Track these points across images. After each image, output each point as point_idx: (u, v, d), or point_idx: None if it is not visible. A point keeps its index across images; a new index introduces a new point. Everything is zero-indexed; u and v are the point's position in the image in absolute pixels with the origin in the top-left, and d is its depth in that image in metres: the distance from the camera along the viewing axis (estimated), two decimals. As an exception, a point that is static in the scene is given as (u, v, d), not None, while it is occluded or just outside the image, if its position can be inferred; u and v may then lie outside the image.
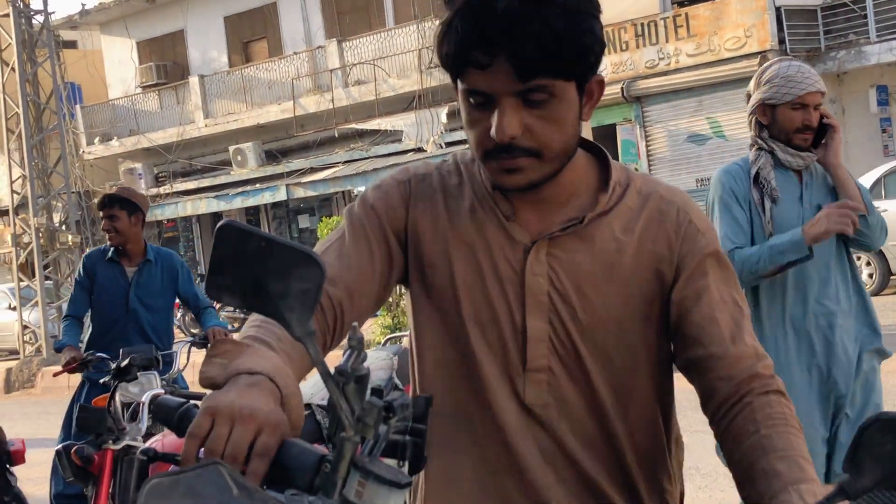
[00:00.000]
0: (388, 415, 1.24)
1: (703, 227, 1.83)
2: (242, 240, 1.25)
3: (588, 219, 1.78)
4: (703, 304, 1.75)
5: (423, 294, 1.84)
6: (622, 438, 1.80)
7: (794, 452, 1.59)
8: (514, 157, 1.68)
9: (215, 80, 30.05)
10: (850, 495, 1.25)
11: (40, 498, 7.82)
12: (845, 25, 22.08)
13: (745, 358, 1.72)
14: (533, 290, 1.77)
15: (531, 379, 1.78)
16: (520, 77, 1.62)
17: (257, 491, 1.18)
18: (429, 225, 1.83)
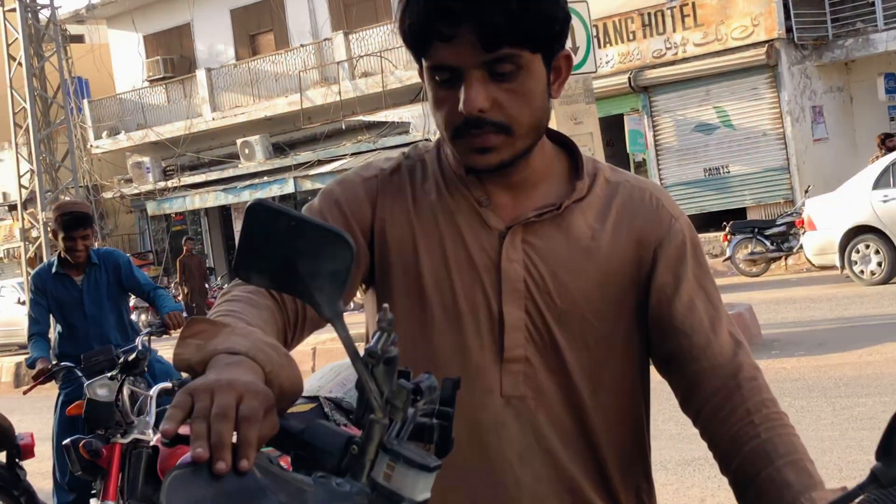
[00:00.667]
0: (417, 397, 1.23)
1: (675, 211, 1.80)
2: (272, 219, 1.24)
3: (564, 205, 1.74)
4: (683, 292, 1.73)
5: (389, 293, 1.78)
6: (599, 433, 1.75)
7: (798, 456, 1.57)
8: (485, 134, 1.64)
9: (222, 74, 30.08)
10: (882, 483, 1.24)
11: (49, 492, 7.83)
12: (852, 13, 22.04)
13: (727, 346, 1.70)
14: (509, 277, 1.72)
15: (508, 370, 1.72)
16: (485, 47, 1.59)
17: (282, 473, 1.17)
18: (397, 222, 1.77)
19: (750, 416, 1.62)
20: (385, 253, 1.77)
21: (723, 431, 1.64)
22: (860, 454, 6.52)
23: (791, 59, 21.64)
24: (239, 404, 1.21)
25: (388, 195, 1.79)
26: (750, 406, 1.63)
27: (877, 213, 14.85)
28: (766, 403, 1.64)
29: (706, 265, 1.79)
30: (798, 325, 12.37)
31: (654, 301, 1.74)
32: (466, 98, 1.61)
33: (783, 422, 1.63)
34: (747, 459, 1.59)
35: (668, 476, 6.79)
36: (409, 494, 1.20)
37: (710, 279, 1.78)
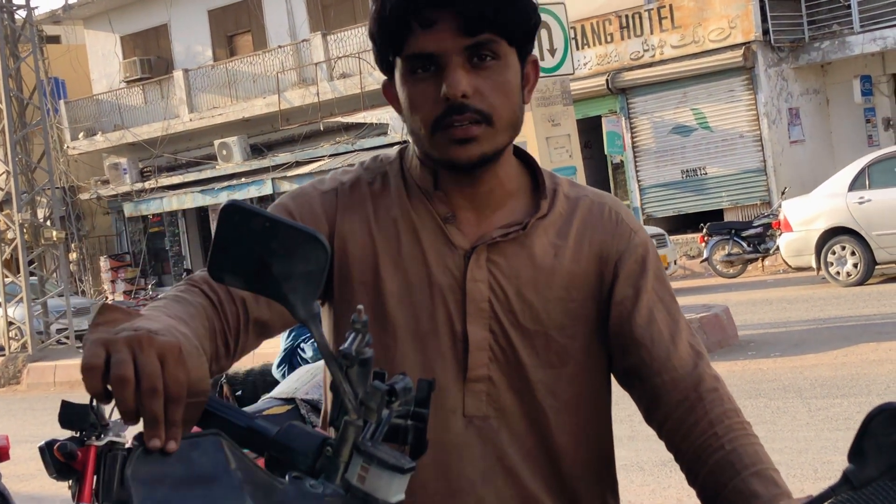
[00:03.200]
0: (391, 399, 1.23)
1: (634, 225, 1.80)
2: (246, 220, 1.24)
3: (530, 224, 1.73)
4: (643, 305, 1.72)
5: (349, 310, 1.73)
6: (563, 450, 1.74)
7: (764, 466, 1.57)
8: (466, 123, 1.62)
9: (200, 74, 29.99)
10: (854, 485, 1.25)
11: (25, 495, 7.80)
12: (829, 16, 22.17)
13: (687, 358, 1.69)
14: (474, 298, 1.70)
15: (470, 389, 1.71)
16: (467, 31, 1.60)
17: (255, 467, 1.18)
18: (357, 237, 1.74)
19: (713, 427, 1.62)
20: (345, 269, 1.74)
21: (687, 444, 1.64)
22: (836, 455, 6.55)
23: (768, 62, 21.74)
24: (163, 366, 1.18)
25: (347, 210, 1.76)
26: (712, 417, 1.63)
27: (853, 215, 14.94)
28: (728, 414, 1.64)
29: (665, 278, 1.80)
30: (774, 325, 12.43)
31: (615, 315, 1.74)
32: (450, 82, 1.61)
33: (746, 431, 1.63)
34: (713, 472, 1.59)
35: (645, 477, 6.81)
36: (384, 496, 1.20)
37: (670, 292, 1.78)
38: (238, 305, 1.63)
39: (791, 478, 5.97)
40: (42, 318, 20.18)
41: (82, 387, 1.26)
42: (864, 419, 1.25)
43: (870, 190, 14.90)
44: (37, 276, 20.77)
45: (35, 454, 4.74)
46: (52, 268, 22.05)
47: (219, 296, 1.61)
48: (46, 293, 20.58)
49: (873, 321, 11.88)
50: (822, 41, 21.99)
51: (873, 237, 14.75)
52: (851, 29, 21.74)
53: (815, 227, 15.30)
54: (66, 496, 4.95)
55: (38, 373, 18.03)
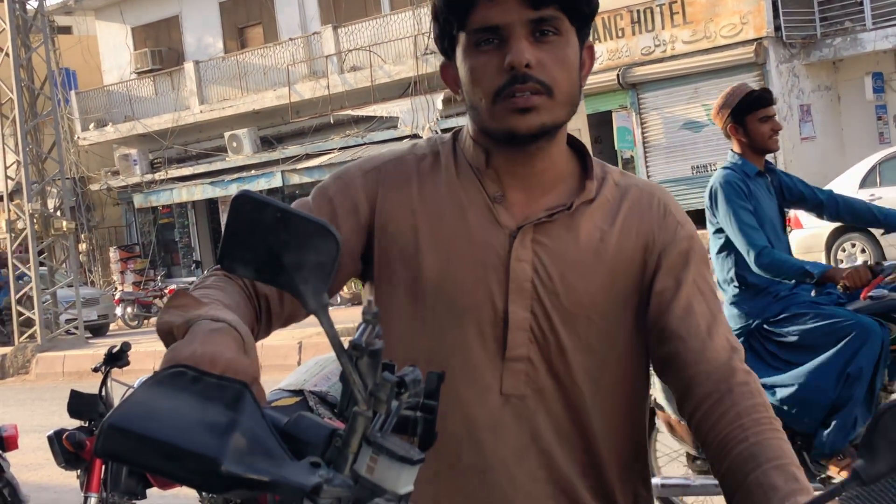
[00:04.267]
0: (401, 390, 1.23)
1: (681, 218, 1.82)
2: (258, 210, 1.24)
3: (575, 205, 1.75)
4: (682, 297, 1.74)
5: (392, 288, 1.77)
6: (598, 435, 1.76)
7: (787, 461, 1.57)
8: (528, 93, 1.65)
9: (210, 66, 30.01)
10: (864, 481, 1.25)
11: (33, 484, 7.81)
12: (841, 12, 22.09)
13: (722, 351, 1.70)
14: (517, 277, 1.72)
15: (509, 368, 1.73)
16: (532, 4, 1.64)
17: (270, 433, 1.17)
18: (401, 215, 1.77)
19: (740, 419, 1.63)
20: (386, 246, 1.77)
21: (713, 435, 1.65)
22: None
23: (779, 58, 21.69)
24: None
25: (390, 188, 1.79)
26: (740, 410, 1.64)
27: (863, 212, 14.89)
28: (756, 408, 1.64)
29: (707, 273, 1.81)
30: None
31: (654, 304, 1.75)
32: (515, 51, 1.64)
33: (773, 426, 1.63)
34: (735, 463, 1.60)
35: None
36: (392, 487, 1.20)
37: (711, 287, 1.79)
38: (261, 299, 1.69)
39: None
40: (51, 307, 20.23)
41: (91, 377, 1.28)
42: (875, 415, 1.25)
43: (881, 187, 14.86)
44: (46, 266, 20.82)
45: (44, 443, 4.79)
46: (61, 258, 22.11)
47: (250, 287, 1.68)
48: (56, 283, 20.63)
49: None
50: (834, 38, 21.92)
51: (883, 235, 14.72)
52: (864, 26, 21.67)
53: (825, 225, 15.26)
54: (75, 485, 4.97)
55: (47, 363, 18.08)
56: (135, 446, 1.12)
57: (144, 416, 1.13)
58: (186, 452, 1.11)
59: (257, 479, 1.13)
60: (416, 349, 1.74)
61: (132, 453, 1.13)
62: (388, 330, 1.76)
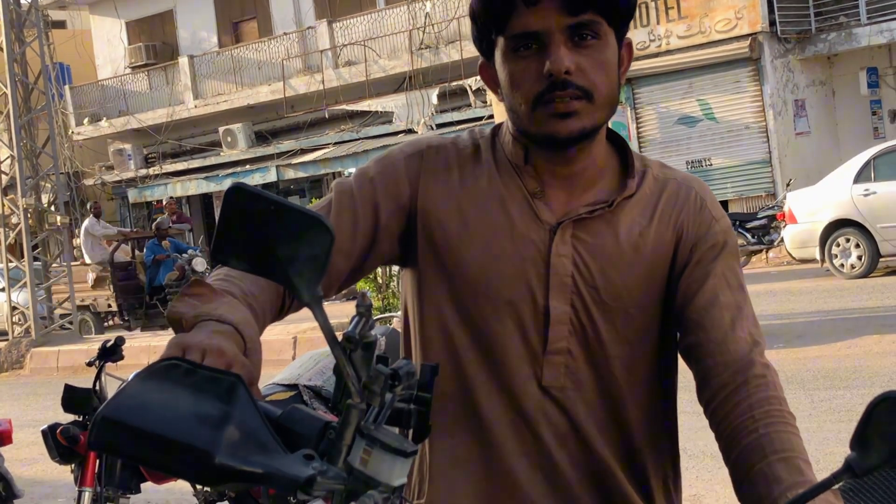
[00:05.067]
0: (394, 382, 1.23)
1: (717, 213, 1.83)
2: (251, 203, 1.24)
3: (616, 202, 1.77)
4: (708, 288, 1.75)
5: (434, 274, 1.80)
6: (633, 423, 1.80)
7: (794, 454, 1.59)
8: (568, 98, 1.66)
9: (205, 61, 29.98)
10: (856, 473, 1.25)
11: (28, 479, 7.80)
12: (836, 7, 22.10)
13: (742, 343, 1.71)
14: (557, 272, 1.74)
15: (550, 361, 1.76)
16: (570, 10, 1.64)
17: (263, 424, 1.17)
18: (443, 201, 1.79)
19: (752, 410, 1.64)
20: (431, 231, 1.79)
21: (725, 425, 1.67)
22: (838, 446, 6.55)
23: (774, 53, 21.69)
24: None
25: (431, 174, 1.81)
26: (753, 402, 1.65)
27: (857, 207, 14.92)
28: (769, 401, 1.66)
29: (737, 268, 1.82)
30: (778, 317, 12.41)
31: (680, 295, 1.77)
32: (554, 58, 1.65)
33: (784, 419, 1.64)
34: (743, 453, 1.61)
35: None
36: (386, 479, 1.20)
37: (740, 281, 1.80)
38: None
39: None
40: (45, 303, 20.20)
41: (85, 372, 1.29)
42: (867, 407, 1.25)
43: (875, 182, 14.87)
44: (40, 261, 20.78)
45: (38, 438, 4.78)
46: (55, 253, 22.06)
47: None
48: (50, 278, 20.60)
49: (877, 313, 11.87)
50: (829, 33, 21.93)
51: (878, 229, 14.73)
52: (858, 21, 21.68)
53: (819, 219, 15.27)
54: (69, 480, 4.98)
55: (41, 357, 18.04)
56: (128, 438, 1.12)
57: (137, 408, 1.13)
58: (180, 445, 1.11)
59: (251, 471, 1.13)
60: (456, 340, 1.78)
61: (125, 445, 1.13)
62: (427, 318, 1.82)
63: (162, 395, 1.15)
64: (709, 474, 6.44)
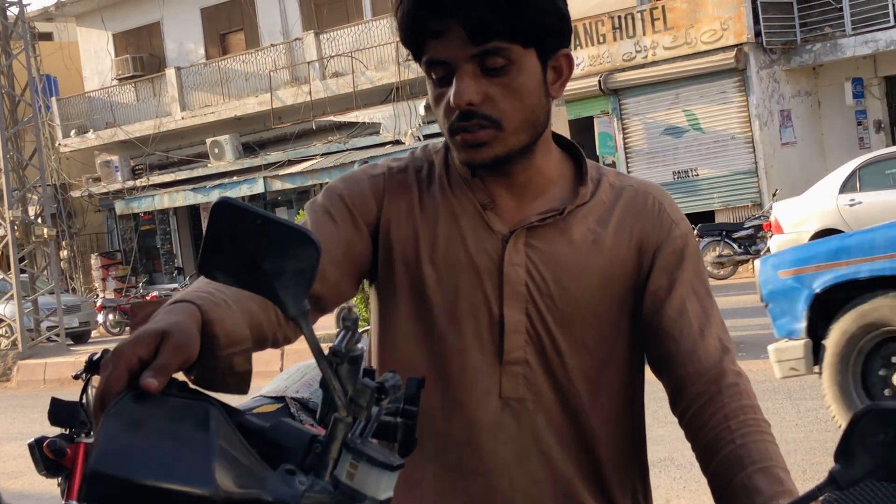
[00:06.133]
0: (381, 396, 1.23)
1: (676, 216, 1.81)
2: (238, 217, 1.24)
3: (568, 210, 1.75)
4: (676, 296, 1.74)
5: (392, 291, 1.78)
6: (597, 435, 1.76)
7: (772, 463, 1.58)
8: (475, 130, 1.64)
9: (192, 73, 29.95)
10: (841, 485, 1.25)
11: (14, 492, 7.77)
12: (821, 18, 22.20)
13: (713, 352, 1.70)
14: (511, 281, 1.73)
15: (507, 371, 1.73)
16: (473, 40, 1.60)
17: (245, 448, 1.17)
18: (402, 221, 1.77)
19: (727, 421, 1.63)
20: (389, 251, 1.78)
21: (702, 436, 1.66)
22: (824, 456, 6.57)
23: (760, 64, 21.77)
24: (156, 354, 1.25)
25: (394, 194, 1.79)
26: (728, 412, 1.64)
27: (843, 217, 14.97)
28: (744, 410, 1.65)
29: (702, 272, 1.81)
30: (765, 327, 12.39)
31: (647, 304, 1.75)
32: (456, 91, 1.63)
33: (760, 428, 1.64)
34: (722, 464, 1.61)
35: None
36: (372, 493, 1.20)
37: (706, 286, 1.79)
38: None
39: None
40: (32, 315, 20.14)
41: (72, 384, 1.29)
42: (851, 419, 1.25)
43: (860, 192, 14.94)
44: (27, 273, 20.73)
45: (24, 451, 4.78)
46: (42, 265, 22.01)
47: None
48: (37, 290, 20.55)
49: None
50: (814, 43, 22.02)
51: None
52: (843, 31, 21.78)
53: (805, 229, 15.32)
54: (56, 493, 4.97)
55: (28, 370, 17.98)
56: (121, 491, 1.11)
57: (123, 456, 1.12)
58: (176, 493, 1.11)
59: (249, 499, 1.13)
60: (419, 354, 1.76)
61: (120, 499, 1.13)
62: (386, 335, 1.80)
63: (142, 436, 1.14)
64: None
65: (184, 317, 1.34)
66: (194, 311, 1.36)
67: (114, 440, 1.14)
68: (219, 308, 1.40)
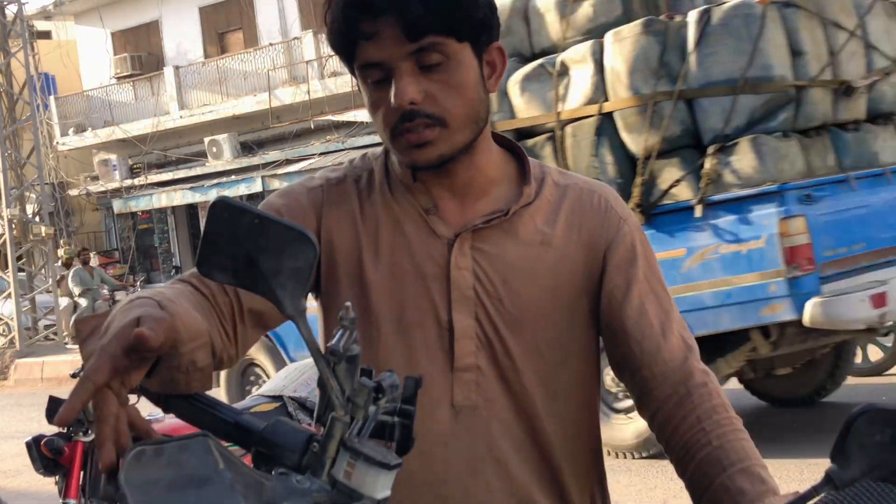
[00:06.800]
0: (378, 395, 1.23)
1: (623, 213, 1.80)
2: (235, 217, 1.24)
3: (513, 210, 1.72)
4: (634, 297, 1.72)
5: (337, 303, 1.73)
6: (553, 440, 1.73)
7: (751, 462, 1.58)
8: (419, 130, 1.62)
9: (190, 72, 29.94)
10: (837, 485, 1.25)
11: (11, 491, 7.78)
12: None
13: (678, 352, 1.69)
14: (458, 285, 1.70)
15: (459, 379, 1.70)
16: (408, 36, 1.58)
17: (243, 465, 1.17)
18: (343, 232, 1.75)
19: (701, 423, 1.62)
20: (332, 263, 1.75)
21: (676, 439, 1.65)
22: (820, 456, 6.57)
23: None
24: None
25: (333, 205, 1.76)
26: (701, 413, 1.63)
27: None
28: (716, 409, 1.64)
29: (656, 267, 1.78)
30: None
31: (605, 305, 1.73)
32: (397, 91, 1.60)
33: (734, 426, 1.63)
34: (701, 467, 1.60)
35: (632, 477, 6.83)
36: (370, 492, 1.20)
37: (661, 282, 1.77)
38: (231, 296, 1.63)
39: (776, 479, 5.95)
40: (30, 313, 20.15)
41: (70, 383, 1.28)
42: (847, 419, 1.25)
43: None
44: (25, 271, 20.73)
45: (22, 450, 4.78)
46: (40, 264, 22.01)
47: (210, 288, 1.61)
48: (35, 289, 20.55)
49: (861, 324, 11.88)
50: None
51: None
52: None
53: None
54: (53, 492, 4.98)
55: (25, 369, 17.99)
56: None
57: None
58: None
59: None
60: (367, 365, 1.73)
61: None
62: None
63: (164, 495, 1.11)
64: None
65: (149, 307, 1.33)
66: (153, 303, 1.35)
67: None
68: (174, 304, 1.38)
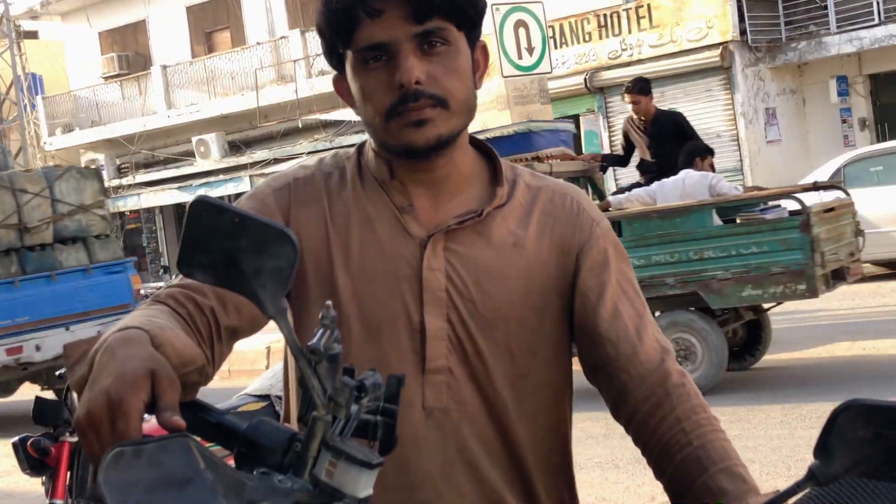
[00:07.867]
0: (360, 394, 1.23)
1: (595, 215, 1.80)
2: (215, 216, 1.24)
3: (486, 212, 1.72)
4: (608, 299, 1.72)
5: (306, 305, 1.72)
6: (523, 443, 1.73)
7: (732, 462, 1.58)
8: (421, 107, 1.63)
9: (178, 71, 29.87)
10: (820, 481, 1.24)
11: (3, 491, 7.76)
12: (806, 16, 22.25)
13: (653, 353, 1.69)
14: (431, 286, 1.69)
15: (430, 381, 1.69)
16: (416, 18, 1.61)
17: (224, 465, 1.17)
18: (312, 231, 1.73)
19: (680, 423, 1.63)
20: (300, 264, 1.70)
21: (655, 440, 1.65)
22: (809, 453, 6.55)
23: (745, 62, 21.81)
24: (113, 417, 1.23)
25: (301, 205, 1.75)
26: (679, 413, 1.64)
27: (828, 215, 14.99)
28: (695, 410, 1.64)
29: (629, 271, 1.79)
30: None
31: (578, 308, 1.74)
32: (404, 69, 1.61)
33: (713, 427, 1.63)
34: (680, 468, 1.60)
35: (619, 474, 6.83)
36: (352, 491, 1.20)
37: (634, 284, 1.78)
38: (208, 315, 1.61)
39: (764, 475, 5.99)
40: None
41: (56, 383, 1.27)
42: (831, 415, 1.25)
43: (845, 190, 14.95)
44: (12, 272, 20.60)
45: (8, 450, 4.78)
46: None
47: (187, 309, 1.59)
48: (22, 290, 20.42)
49: (847, 320, 11.95)
50: (799, 41, 22.07)
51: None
52: (828, 29, 21.82)
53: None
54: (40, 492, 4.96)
55: (13, 370, 17.88)
56: None
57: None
58: None
59: None
60: None
61: None
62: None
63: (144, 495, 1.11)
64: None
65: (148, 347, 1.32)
66: (145, 336, 1.34)
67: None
68: (164, 332, 1.36)
